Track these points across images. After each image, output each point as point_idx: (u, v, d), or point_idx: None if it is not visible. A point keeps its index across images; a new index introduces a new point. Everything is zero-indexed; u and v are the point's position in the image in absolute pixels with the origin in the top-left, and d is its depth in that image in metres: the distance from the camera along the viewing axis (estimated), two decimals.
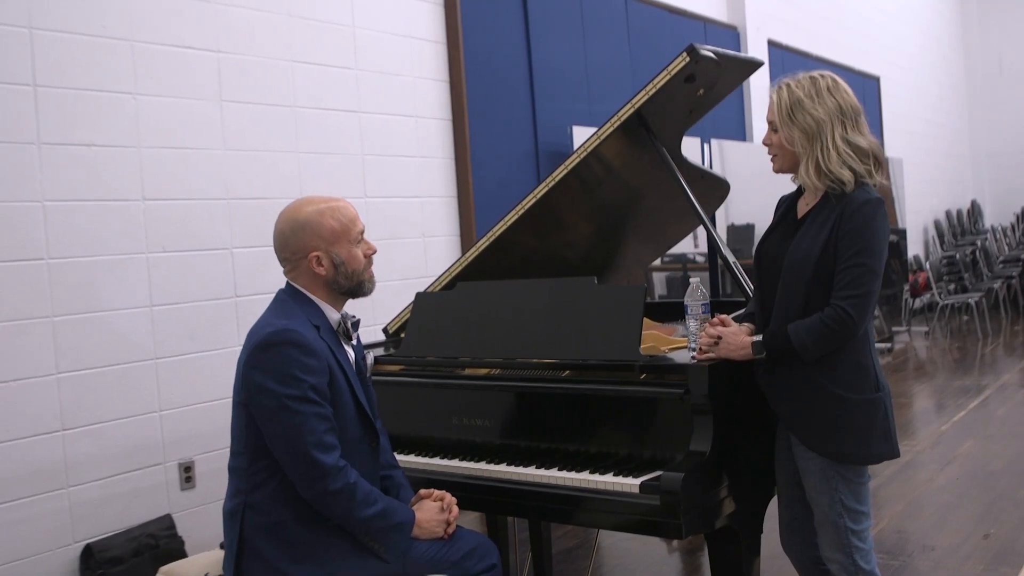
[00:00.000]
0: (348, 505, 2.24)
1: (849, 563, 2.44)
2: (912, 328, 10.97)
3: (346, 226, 2.38)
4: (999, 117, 14.92)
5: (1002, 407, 6.74)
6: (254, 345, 2.28)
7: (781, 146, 2.45)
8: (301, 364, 2.24)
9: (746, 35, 8.43)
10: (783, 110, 2.40)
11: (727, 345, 2.41)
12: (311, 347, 2.26)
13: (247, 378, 2.28)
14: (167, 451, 3.82)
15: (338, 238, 2.36)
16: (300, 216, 2.37)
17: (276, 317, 2.33)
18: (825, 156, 2.36)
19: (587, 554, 4.13)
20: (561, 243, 3.46)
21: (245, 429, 2.32)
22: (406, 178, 4.99)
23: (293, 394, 2.22)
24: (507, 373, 2.80)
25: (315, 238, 2.35)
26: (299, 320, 2.31)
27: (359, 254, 2.40)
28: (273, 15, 4.32)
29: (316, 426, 2.23)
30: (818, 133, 2.37)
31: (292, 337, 2.25)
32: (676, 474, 2.27)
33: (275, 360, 2.24)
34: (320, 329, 2.34)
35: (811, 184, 2.40)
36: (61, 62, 3.52)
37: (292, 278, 2.41)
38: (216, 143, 4.05)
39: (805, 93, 2.38)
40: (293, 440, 2.22)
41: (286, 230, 2.38)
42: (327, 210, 2.37)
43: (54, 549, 3.44)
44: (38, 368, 3.42)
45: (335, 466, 2.23)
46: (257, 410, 2.27)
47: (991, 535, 4.15)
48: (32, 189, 3.42)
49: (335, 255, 2.36)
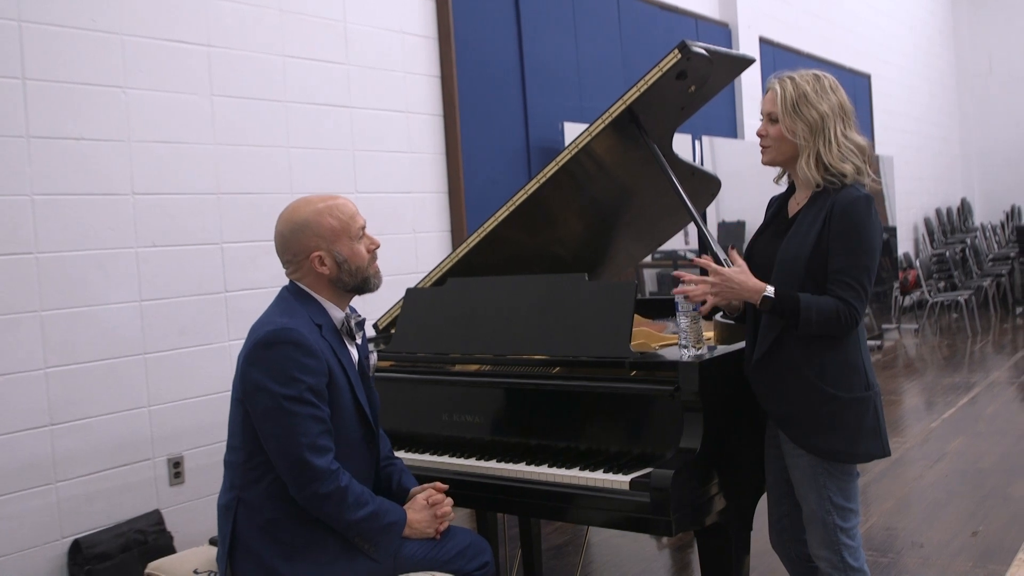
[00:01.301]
0: (338, 508, 2.24)
1: (838, 560, 2.44)
2: (902, 326, 11.01)
3: (346, 223, 2.37)
4: (989, 116, 14.98)
5: (991, 404, 6.77)
6: (255, 342, 2.27)
7: (780, 138, 2.44)
8: (300, 364, 2.23)
9: (737, 32, 8.43)
10: (787, 102, 2.41)
11: (733, 285, 2.36)
12: (311, 347, 2.25)
13: (245, 375, 2.28)
14: (156, 446, 3.81)
15: (339, 236, 2.35)
16: (298, 217, 2.36)
17: (278, 315, 2.32)
18: (827, 149, 2.38)
19: (577, 551, 4.13)
20: (552, 239, 3.46)
21: (242, 425, 2.31)
22: (397, 173, 4.98)
23: (290, 394, 2.21)
24: (497, 369, 2.80)
25: (315, 238, 2.34)
26: (301, 319, 2.30)
27: (362, 250, 2.39)
28: (264, 9, 4.31)
29: (310, 428, 2.22)
30: (822, 127, 2.39)
31: (292, 336, 2.24)
32: (666, 471, 2.27)
33: (274, 359, 2.23)
34: (322, 328, 2.34)
35: (809, 177, 2.40)
36: (50, 55, 3.50)
37: (296, 279, 2.40)
38: (206, 137, 4.03)
39: (811, 88, 2.41)
40: (287, 441, 2.21)
41: (286, 232, 2.37)
42: (325, 209, 2.36)
43: (41, 545, 3.43)
44: (26, 363, 3.40)
45: (327, 469, 2.22)
46: (253, 408, 2.26)
47: (980, 532, 4.17)
48: (21, 183, 3.40)
49: (337, 253, 2.35)
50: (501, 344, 2.80)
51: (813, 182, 2.41)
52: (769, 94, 2.47)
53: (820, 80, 2.43)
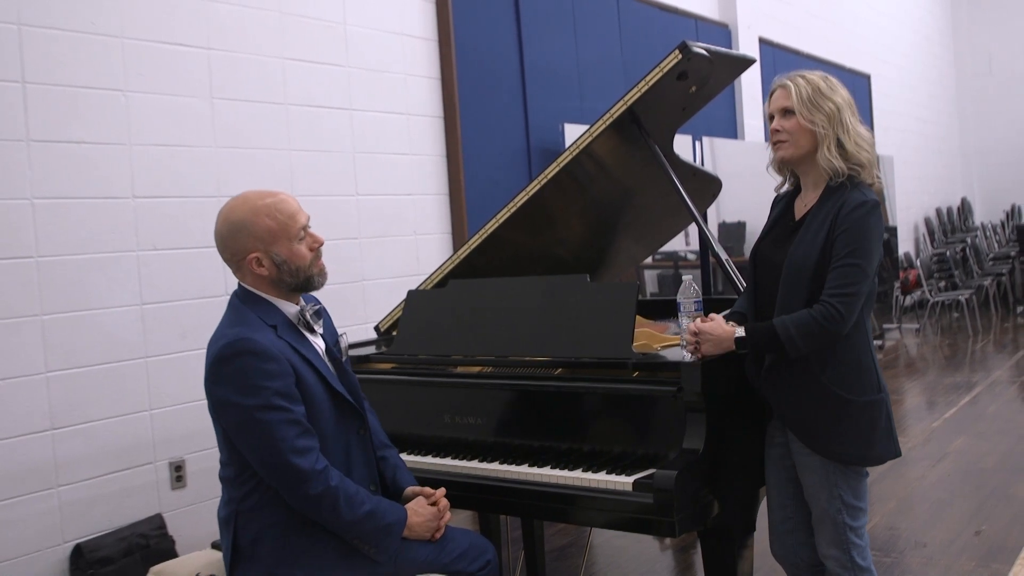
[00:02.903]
0: (332, 509, 2.21)
1: (847, 559, 2.44)
2: (903, 325, 11.00)
3: (284, 224, 2.27)
4: (989, 115, 14.98)
5: (993, 404, 6.77)
6: (212, 360, 2.22)
7: (798, 130, 2.44)
8: (261, 371, 2.17)
9: (737, 33, 8.43)
10: (804, 96, 2.43)
11: (709, 339, 2.39)
12: (268, 352, 2.19)
13: (211, 394, 2.24)
14: (157, 450, 3.80)
15: (276, 237, 2.26)
16: (235, 217, 2.28)
17: (229, 326, 2.27)
18: (847, 135, 2.41)
19: (580, 552, 4.13)
20: (553, 240, 3.46)
21: (226, 442, 2.28)
22: (398, 175, 4.98)
23: (257, 404, 2.16)
24: (500, 371, 2.79)
25: (251, 239, 2.26)
26: (253, 324, 2.25)
27: (302, 250, 2.30)
28: (264, 12, 4.31)
29: (286, 432, 2.17)
30: (839, 116, 2.42)
31: (247, 346, 2.18)
32: (669, 472, 2.27)
33: (234, 372, 2.18)
34: (278, 328, 2.28)
35: (831, 166, 2.40)
36: (51, 59, 3.49)
37: (239, 279, 2.35)
38: (207, 140, 4.03)
39: (822, 83, 2.45)
40: (266, 450, 2.18)
41: (223, 231, 2.29)
42: (263, 208, 2.26)
43: (43, 549, 3.42)
44: (27, 367, 3.39)
45: (312, 470, 2.18)
46: (227, 424, 2.23)
47: (983, 531, 4.16)
48: (21, 186, 3.40)
49: (275, 255, 2.27)
50: (503, 345, 2.80)
51: (833, 171, 2.40)
52: (780, 91, 2.48)
53: (828, 79, 2.48)
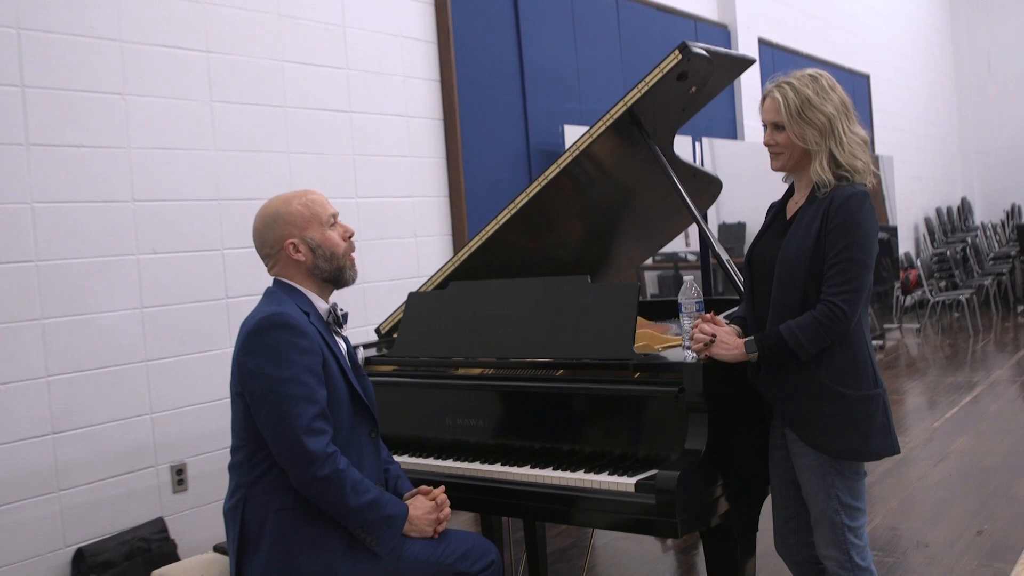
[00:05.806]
0: (338, 493, 2.24)
1: (846, 559, 2.43)
2: (903, 325, 11.00)
3: (314, 210, 2.41)
4: (988, 115, 14.99)
5: (994, 403, 6.76)
6: (247, 332, 2.31)
7: (789, 144, 2.43)
8: (294, 345, 2.26)
9: (736, 34, 8.44)
10: (792, 109, 2.39)
11: (721, 344, 2.40)
12: (302, 328, 2.29)
13: (241, 365, 2.30)
14: (158, 454, 3.80)
15: (308, 222, 2.40)
16: (269, 210, 2.42)
17: (266, 306, 2.37)
18: (839, 147, 2.38)
19: (582, 554, 4.12)
20: (553, 242, 3.45)
21: (244, 421, 2.33)
22: (398, 178, 4.98)
23: (286, 376, 2.23)
24: (501, 373, 2.79)
25: (287, 226, 2.39)
26: (289, 306, 2.34)
27: (335, 236, 2.43)
28: (263, 15, 4.30)
29: (306, 410, 2.23)
30: (831, 129, 2.38)
31: (283, 320, 2.28)
32: (671, 473, 2.26)
33: (268, 343, 2.26)
34: (310, 316, 2.37)
35: (823, 179, 2.39)
36: (49, 62, 3.49)
37: (277, 273, 2.44)
38: (206, 143, 4.03)
39: (811, 91, 2.39)
40: (282, 423, 2.22)
41: (260, 227, 2.43)
42: (292, 197, 2.43)
43: (45, 553, 3.42)
44: (28, 371, 3.39)
45: (323, 452, 2.22)
46: (250, 395, 2.28)
47: (985, 531, 4.15)
48: (21, 191, 3.40)
49: (310, 239, 2.40)
50: (504, 347, 2.80)
51: (825, 182, 2.39)
52: (769, 103, 2.45)
53: (818, 80, 2.41)
